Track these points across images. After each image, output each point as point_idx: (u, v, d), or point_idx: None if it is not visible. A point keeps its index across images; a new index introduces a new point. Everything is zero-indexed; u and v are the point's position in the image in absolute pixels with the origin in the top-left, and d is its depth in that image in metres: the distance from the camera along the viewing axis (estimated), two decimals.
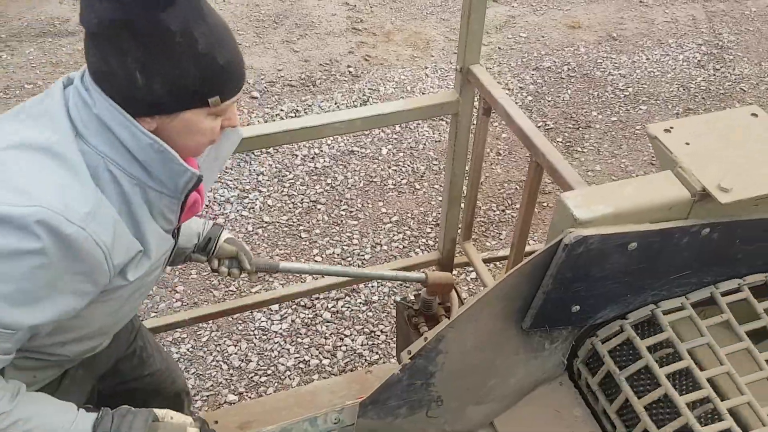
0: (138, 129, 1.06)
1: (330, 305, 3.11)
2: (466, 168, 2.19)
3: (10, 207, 0.96)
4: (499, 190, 3.79)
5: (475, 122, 2.04)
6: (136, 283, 1.20)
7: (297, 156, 3.91)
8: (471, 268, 2.91)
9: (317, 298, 3.13)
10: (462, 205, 2.30)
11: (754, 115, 1.37)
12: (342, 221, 3.54)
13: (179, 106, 1.08)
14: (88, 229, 1.02)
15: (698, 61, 4.90)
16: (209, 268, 1.66)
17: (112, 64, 1.02)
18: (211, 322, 2.98)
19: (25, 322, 1.03)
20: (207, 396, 2.73)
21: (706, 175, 1.20)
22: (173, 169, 1.11)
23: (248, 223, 3.48)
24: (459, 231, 2.45)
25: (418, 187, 3.77)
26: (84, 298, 1.10)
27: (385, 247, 3.41)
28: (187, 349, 2.88)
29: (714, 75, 4.76)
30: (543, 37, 5.11)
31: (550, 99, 4.47)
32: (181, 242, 1.57)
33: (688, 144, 1.28)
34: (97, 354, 1.44)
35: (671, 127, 1.31)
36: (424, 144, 4.06)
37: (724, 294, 1.33)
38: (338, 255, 3.35)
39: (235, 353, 2.88)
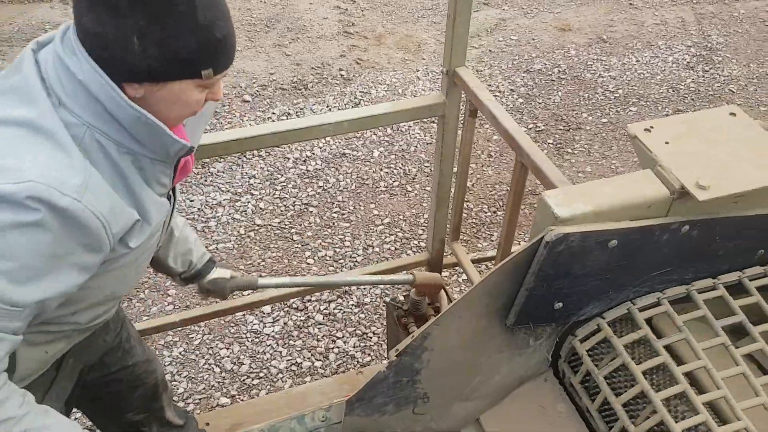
0: (124, 101, 1.04)
1: (322, 307, 3.13)
2: (454, 169, 2.21)
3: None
4: (491, 191, 3.82)
5: (462, 124, 2.06)
6: (139, 249, 1.20)
7: (289, 159, 3.92)
8: (462, 269, 2.92)
9: (309, 301, 3.14)
10: (450, 206, 2.32)
11: (733, 114, 1.39)
12: (334, 224, 3.55)
13: (171, 76, 1.06)
14: (83, 201, 1.01)
15: (687, 62, 4.94)
16: None
17: (109, 26, 0.99)
18: (203, 325, 2.99)
19: (32, 298, 1.02)
20: (199, 399, 2.74)
21: (685, 173, 1.22)
22: (163, 140, 1.10)
23: (240, 226, 3.49)
24: (448, 232, 2.46)
25: (409, 189, 3.79)
26: (87, 271, 1.09)
27: (377, 249, 3.42)
28: (179, 353, 2.89)
29: (703, 76, 4.80)
30: (533, 39, 5.14)
31: (540, 101, 4.50)
32: (177, 264, 1.63)
33: (667, 143, 1.30)
34: (90, 344, 1.45)
35: (651, 127, 1.33)
36: (416, 146, 4.09)
37: (701, 291, 1.35)
38: (330, 257, 3.36)
39: (228, 356, 2.89)
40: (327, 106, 4.35)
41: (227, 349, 2.92)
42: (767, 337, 1.28)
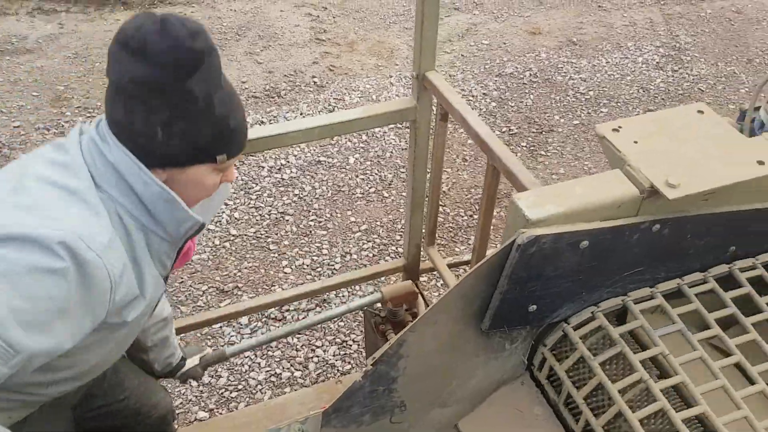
0: (150, 179, 1.16)
1: (301, 317, 3.10)
2: (428, 174, 2.20)
3: (34, 229, 1.04)
4: (467, 195, 3.82)
5: (434, 128, 2.05)
6: (131, 325, 1.26)
7: (263, 168, 3.89)
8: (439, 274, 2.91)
9: (287, 310, 3.11)
10: (425, 211, 2.31)
11: (701, 112, 1.40)
12: (311, 232, 3.53)
13: (191, 161, 1.19)
14: (105, 259, 1.09)
15: (657, 63, 5.01)
16: None
17: (136, 119, 1.12)
18: (179, 338, 2.94)
19: (29, 346, 1.05)
20: (177, 414, 2.69)
21: (654, 172, 1.22)
22: (178, 216, 1.21)
23: (215, 237, 3.45)
24: (423, 236, 2.45)
25: (386, 195, 3.79)
26: (78, 334, 1.14)
27: (354, 256, 3.41)
28: None
29: (672, 76, 4.87)
30: (505, 43, 5.18)
31: (513, 104, 4.53)
32: (161, 366, 1.77)
33: (636, 142, 1.30)
34: None
35: (619, 127, 1.33)
36: (391, 152, 4.08)
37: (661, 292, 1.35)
38: (308, 266, 3.34)
39: None
40: (301, 114, 4.33)
41: None
42: (703, 345, 1.27)
